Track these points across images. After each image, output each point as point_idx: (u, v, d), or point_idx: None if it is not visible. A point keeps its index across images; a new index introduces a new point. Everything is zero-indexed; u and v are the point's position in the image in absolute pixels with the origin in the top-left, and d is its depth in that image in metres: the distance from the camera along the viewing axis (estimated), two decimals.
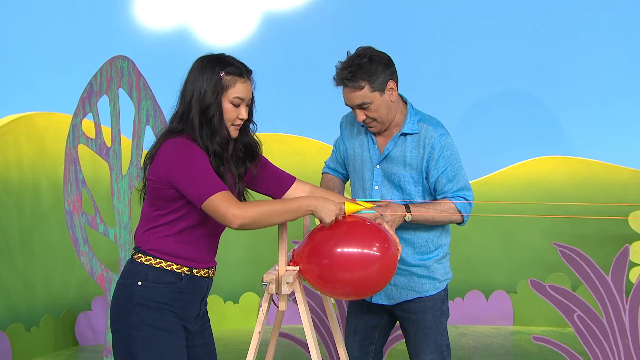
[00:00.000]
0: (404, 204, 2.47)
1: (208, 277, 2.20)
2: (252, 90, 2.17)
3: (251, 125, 2.22)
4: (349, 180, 2.72)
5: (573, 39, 4.62)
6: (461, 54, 4.68)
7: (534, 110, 4.70)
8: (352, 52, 2.49)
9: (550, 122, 4.71)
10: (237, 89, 2.11)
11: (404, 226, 2.53)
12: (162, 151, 2.07)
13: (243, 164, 2.22)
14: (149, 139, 3.81)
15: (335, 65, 2.48)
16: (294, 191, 2.31)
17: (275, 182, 2.31)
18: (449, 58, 4.67)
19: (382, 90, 2.46)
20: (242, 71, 2.12)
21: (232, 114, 2.12)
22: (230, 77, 2.10)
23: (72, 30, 4.43)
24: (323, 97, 4.57)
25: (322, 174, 2.78)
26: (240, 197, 2.21)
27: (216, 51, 2.19)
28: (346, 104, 2.51)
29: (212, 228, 2.15)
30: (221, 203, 2.00)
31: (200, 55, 2.17)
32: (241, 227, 2.02)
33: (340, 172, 2.75)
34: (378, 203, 2.42)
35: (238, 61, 2.14)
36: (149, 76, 3.90)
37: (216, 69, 2.09)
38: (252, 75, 2.16)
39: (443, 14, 4.69)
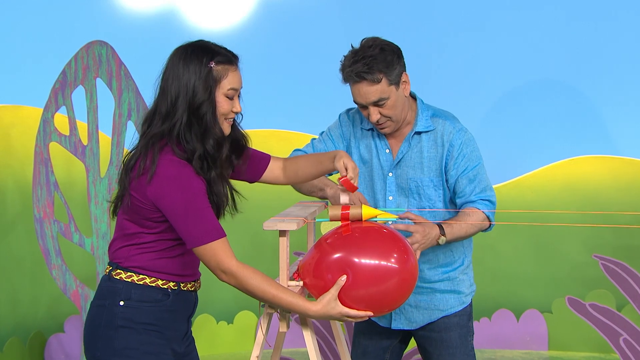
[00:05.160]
0: (436, 224, 2.47)
1: (195, 290, 2.24)
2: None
3: (237, 116, 2.24)
4: None
5: (617, 21, 4.61)
6: (487, 39, 4.66)
7: (572, 102, 4.68)
8: (355, 45, 2.50)
9: (591, 116, 4.69)
10: (230, 80, 2.13)
11: None
12: (154, 173, 2.06)
13: (230, 164, 2.25)
14: (131, 136, 3.82)
15: (341, 61, 2.50)
16: (270, 171, 2.37)
17: (250, 167, 2.35)
18: (473, 45, 4.66)
19: (397, 83, 2.49)
20: (231, 58, 2.15)
21: (226, 107, 2.15)
22: (221, 66, 2.12)
23: (43, 12, 4.43)
24: (326, 90, 4.56)
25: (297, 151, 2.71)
26: (228, 201, 2.22)
27: (207, 37, 2.21)
28: (358, 102, 2.51)
29: None
30: (218, 255, 2.07)
31: (188, 40, 2.18)
32: (224, 281, 2.11)
33: None
34: (404, 216, 2.42)
35: (223, 47, 2.17)
36: (130, 64, 3.90)
37: (204, 60, 2.11)
38: (240, 63, 2.19)
39: None
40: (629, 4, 4.60)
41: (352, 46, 2.51)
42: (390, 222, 2.35)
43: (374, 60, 2.43)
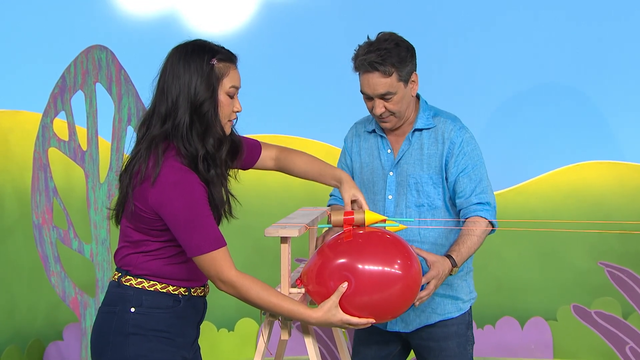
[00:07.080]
0: (446, 256, 2.50)
1: (204, 295, 2.26)
2: None
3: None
4: None
5: (623, 25, 4.61)
6: (490, 42, 4.67)
7: (577, 107, 4.68)
8: (370, 37, 2.55)
9: (597, 121, 4.69)
10: (231, 77, 2.15)
11: (424, 241, 2.56)
12: (157, 178, 2.07)
13: (227, 168, 2.26)
14: (131, 141, 3.84)
15: (355, 49, 2.54)
16: (262, 161, 2.42)
17: (242, 157, 2.36)
18: (476, 48, 4.67)
19: (406, 81, 2.54)
20: (231, 56, 2.18)
21: (228, 108, 2.16)
22: (222, 64, 2.14)
23: (42, 16, 4.45)
24: (328, 96, 4.60)
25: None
26: (227, 198, 2.23)
27: (208, 40, 2.22)
28: (365, 92, 2.54)
29: None
30: (217, 265, 2.08)
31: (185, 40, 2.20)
32: (223, 290, 2.13)
33: None
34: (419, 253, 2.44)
35: (222, 46, 2.19)
36: (130, 69, 3.92)
37: (205, 58, 2.12)
38: (241, 66, 2.22)
39: None
40: (635, 8, 4.60)
41: (368, 37, 2.56)
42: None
43: (388, 53, 2.49)
